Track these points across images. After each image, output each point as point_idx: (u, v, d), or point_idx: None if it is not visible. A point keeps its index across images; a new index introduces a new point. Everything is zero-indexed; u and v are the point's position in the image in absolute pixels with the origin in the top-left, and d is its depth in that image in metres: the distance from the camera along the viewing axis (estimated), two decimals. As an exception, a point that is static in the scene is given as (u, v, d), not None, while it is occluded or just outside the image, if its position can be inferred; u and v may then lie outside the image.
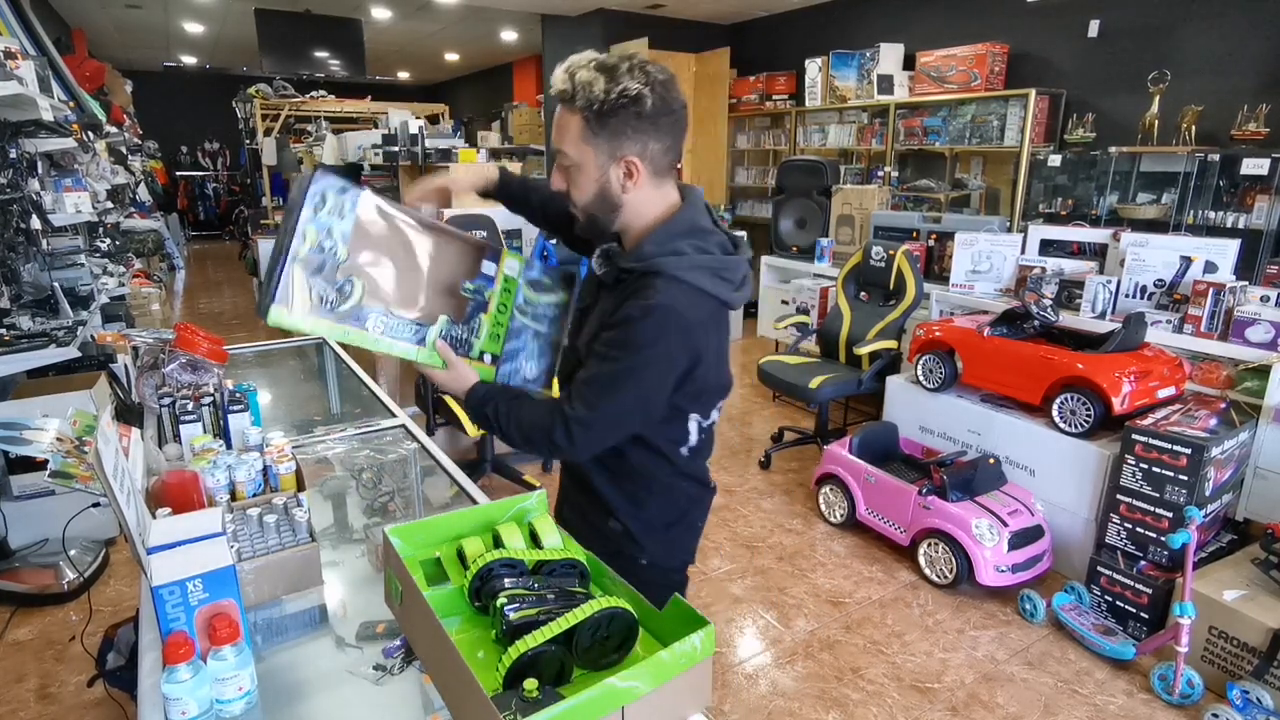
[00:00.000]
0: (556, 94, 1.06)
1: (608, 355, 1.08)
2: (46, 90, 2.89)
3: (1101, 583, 2.41)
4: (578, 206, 1.13)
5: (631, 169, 1.07)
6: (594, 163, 1.07)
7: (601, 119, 1.03)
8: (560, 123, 1.07)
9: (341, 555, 1.18)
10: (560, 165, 1.11)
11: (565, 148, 1.08)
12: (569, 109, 1.05)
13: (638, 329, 1.05)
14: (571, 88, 1.03)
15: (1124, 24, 4.35)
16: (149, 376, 1.53)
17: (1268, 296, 2.58)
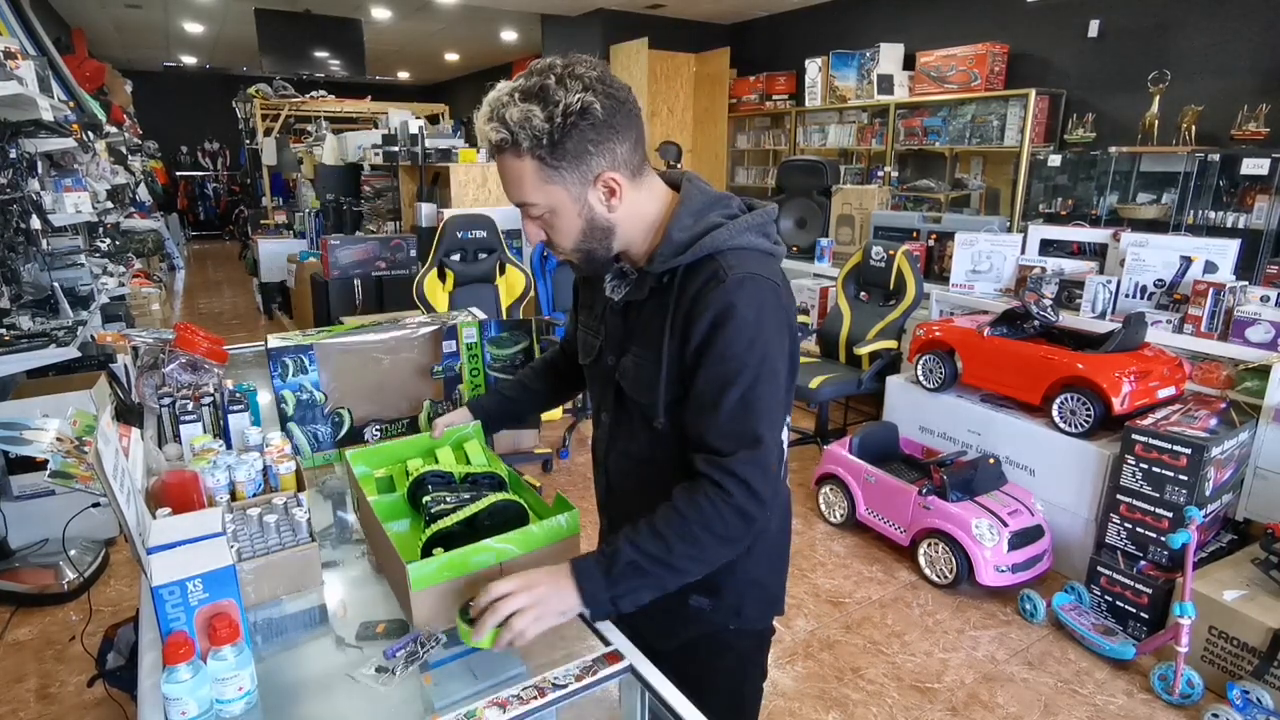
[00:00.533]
0: (493, 146, 0.90)
1: (724, 365, 0.92)
2: (46, 90, 2.89)
3: (1101, 583, 2.41)
4: (566, 251, 0.98)
5: (612, 185, 0.93)
6: (568, 199, 0.93)
7: (556, 150, 0.88)
8: (511, 174, 0.91)
9: (341, 555, 1.18)
10: (530, 217, 0.96)
11: (528, 197, 0.92)
12: (514, 156, 0.89)
13: (738, 315, 0.91)
14: (509, 133, 0.87)
15: (1124, 24, 4.35)
16: (149, 376, 1.53)
17: (1268, 296, 2.58)
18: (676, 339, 0.96)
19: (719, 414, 0.92)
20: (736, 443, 0.91)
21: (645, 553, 0.89)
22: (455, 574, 0.93)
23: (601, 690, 0.88)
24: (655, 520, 0.91)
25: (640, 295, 1.01)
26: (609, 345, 1.08)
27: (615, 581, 0.89)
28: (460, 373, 1.48)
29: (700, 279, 0.94)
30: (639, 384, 1.02)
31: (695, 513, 0.90)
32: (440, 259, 3.70)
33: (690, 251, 0.95)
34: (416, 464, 1.23)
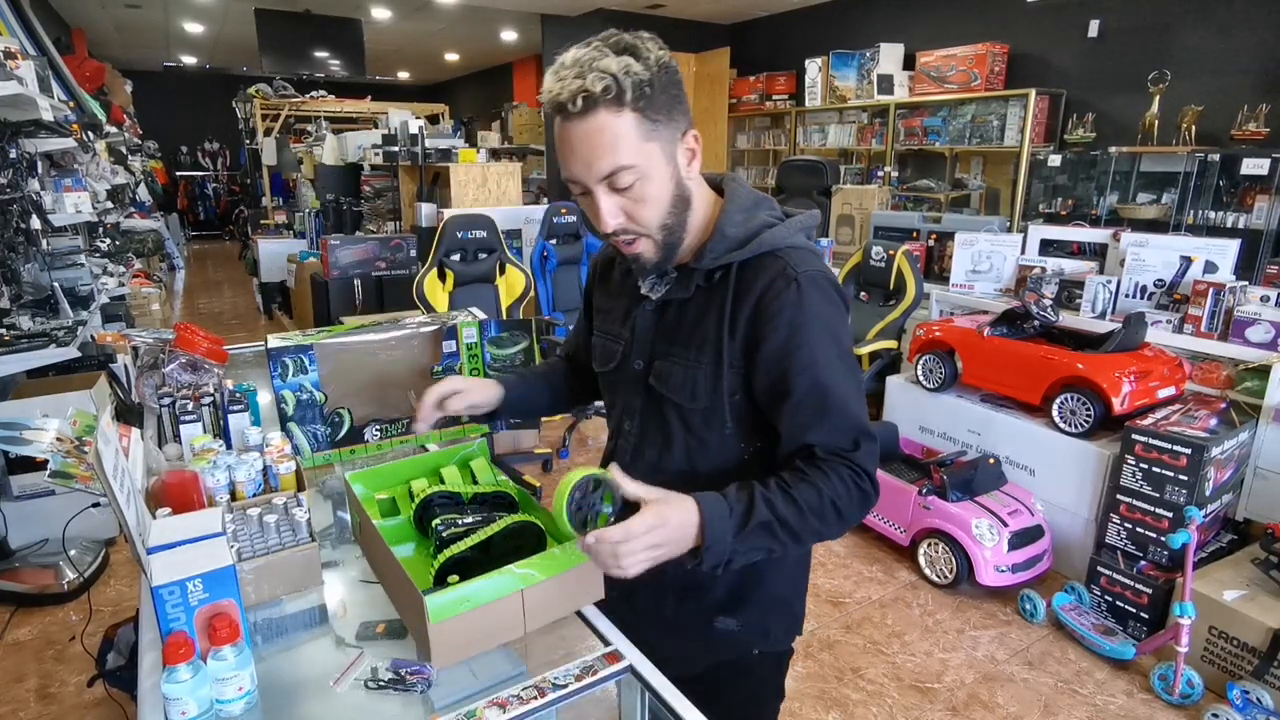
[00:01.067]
0: (592, 98, 0.80)
1: (817, 367, 0.89)
2: (46, 90, 2.89)
3: (1101, 583, 2.41)
4: (652, 228, 0.89)
5: (694, 145, 0.90)
6: (663, 159, 0.87)
7: (655, 101, 0.83)
8: (606, 134, 0.82)
9: (341, 555, 1.18)
10: (617, 189, 0.86)
11: (625, 159, 0.83)
12: (614, 110, 0.81)
13: (814, 313, 0.88)
14: (614, 80, 0.80)
15: (1124, 24, 4.35)
16: (149, 376, 1.53)
17: (1268, 296, 2.58)
18: (739, 338, 0.91)
19: (829, 415, 0.89)
20: (853, 436, 0.90)
21: (780, 517, 0.85)
22: (475, 604, 0.87)
23: (601, 690, 0.88)
24: (789, 485, 0.87)
25: (684, 293, 0.96)
26: (636, 349, 1.02)
27: (744, 538, 0.84)
28: (460, 373, 1.47)
29: (765, 276, 0.90)
30: (688, 388, 0.95)
31: (832, 489, 0.87)
32: (440, 259, 3.70)
33: (748, 247, 0.91)
34: (421, 485, 1.17)
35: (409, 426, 1.46)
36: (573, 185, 0.88)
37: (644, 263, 0.93)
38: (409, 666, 0.89)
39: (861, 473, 0.89)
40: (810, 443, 0.90)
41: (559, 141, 0.86)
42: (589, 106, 0.81)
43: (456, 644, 0.88)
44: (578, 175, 0.86)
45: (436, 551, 0.96)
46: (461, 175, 4.93)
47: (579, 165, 0.85)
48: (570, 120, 0.82)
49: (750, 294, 0.91)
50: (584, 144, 0.83)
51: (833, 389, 0.89)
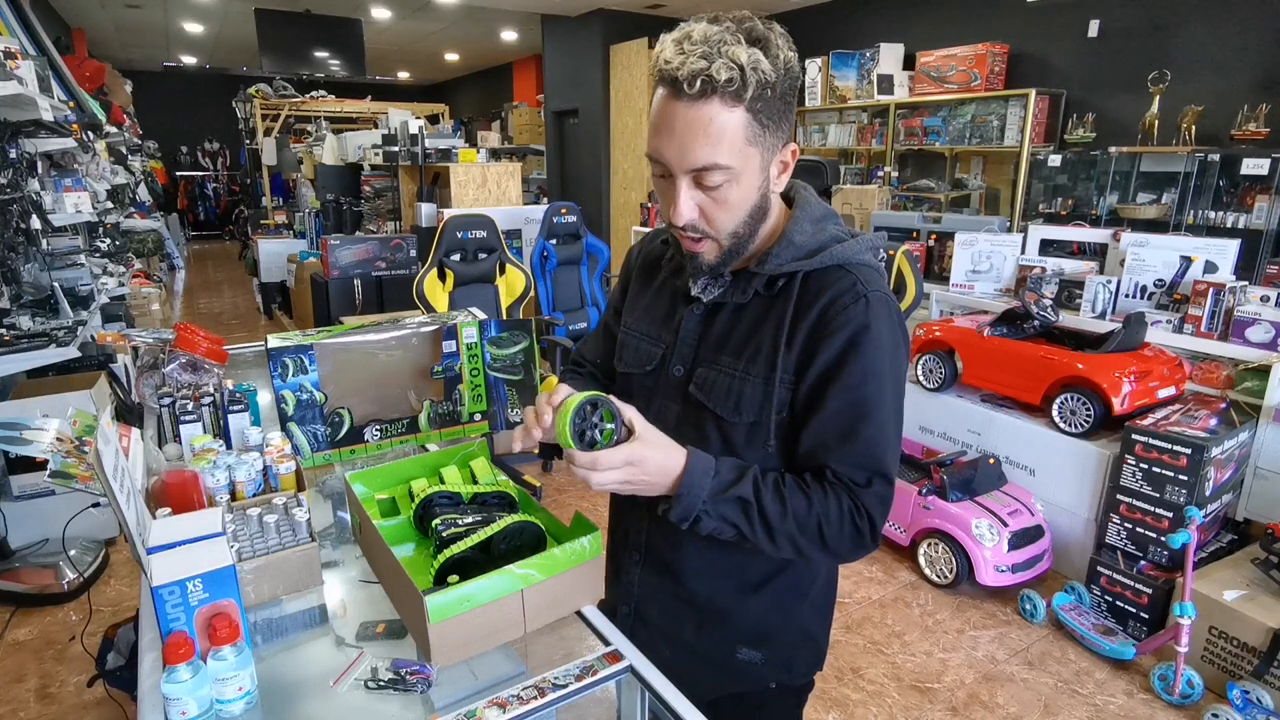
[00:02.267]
0: (713, 84, 0.74)
1: (860, 390, 0.83)
2: (46, 90, 2.89)
3: (1101, 583, 2.41)
4: (724, 233, 0.85)
5: (789, 159, 0.85)
6: (758, 167, 0.81)
7: (770, 107, 0.78)
8: (712, 127, 0.76)
9: (341, 555, 1.18)
10: (703, 185, 0.81)
11: (724, 158, 0.78)
12: (732, 104, 0.76)
13: (875, 336, 0.83)
14: (739, 73, 0.74)
15: (1124, 24, 4.35)
16: (149, 376, 1.52)
17: (1268, 296, 2.58)
18: (795, 351, 0.86)
19: (853, 442, 0.84)
20: (868, 474, 0.85)
21: (761, 503, 0.83)
22: (475, 604, 0.88)
23: (601, 690, 0.88)
24: (783, 484, 0.85)
25: (741, 298, 0.91)
26: (678, 353, 0.96)
27: (718, 502, 0.82)
28: (460, 373, 1.47)
29: (832, 289, 0.85)
30: (732, 400, 0.90)
31: (823, 507, 0.84)
32: (440, 259, 3.70)
33: (817, 258, 0.86)
34: (421, 485, 1.17)
35: (408, 427, 1.45)
36: (655, 164, 0.83)
37: (701, 264, 0.89)
38: (409, 666, 0.89)
39: (863, 511, 0.84)
40: (826, 465, 0.86)
41: (657, 115, 0.80)
42: (705, 93, 0.75)
43: (456, 644, 0.88)
44: (667, 158, 0.80)
45: (436, 551, 0.95)
46: (461, 175, 4.93)
47: (672, 149, 0.79)
48: (679, 99, 0.76)
49: (814, 306, 0.86)
50: (686, 129, 0.77)
51: (869, 415, 0.84)
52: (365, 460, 1.44)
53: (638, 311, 1.04)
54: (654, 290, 1.03)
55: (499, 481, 1.18)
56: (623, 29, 6.79)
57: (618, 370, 1.06)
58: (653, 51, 0.80)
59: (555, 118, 8.08)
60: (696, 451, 0.83)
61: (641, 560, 1.04)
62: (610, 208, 7.48)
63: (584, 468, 0.78)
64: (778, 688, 1.03)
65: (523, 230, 4.95)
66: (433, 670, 0.88)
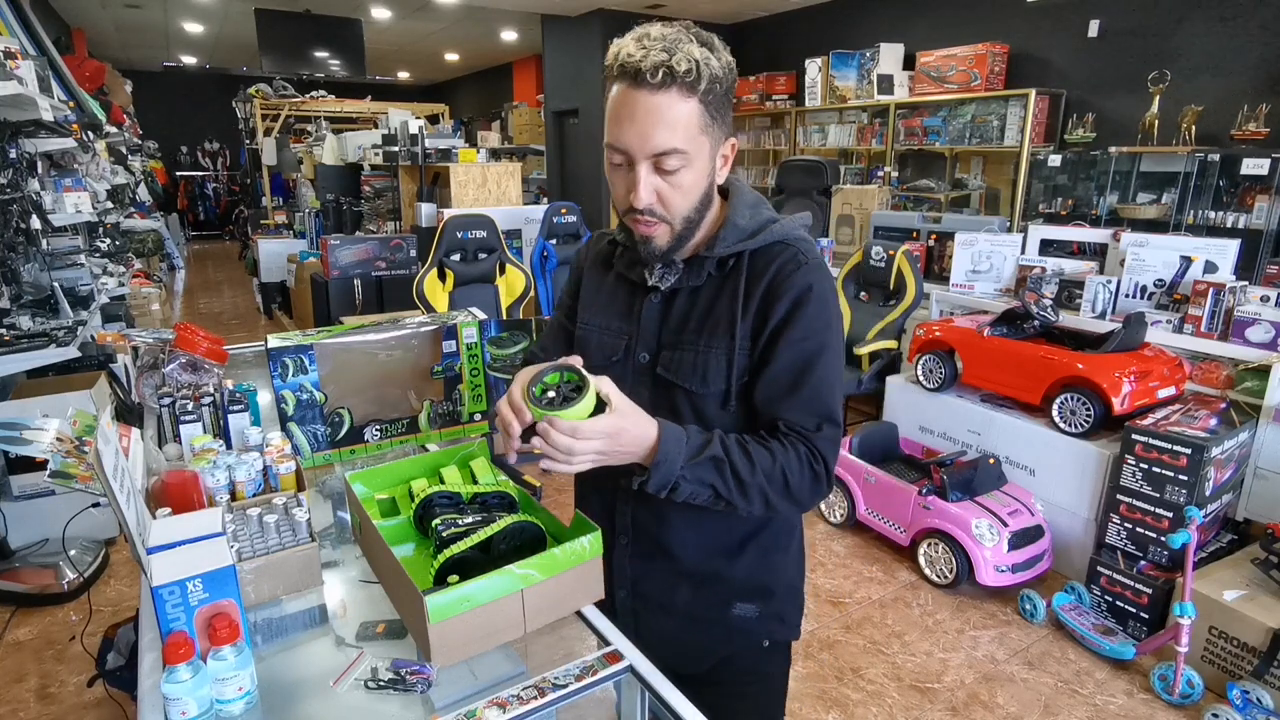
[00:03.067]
0: (673, 75, 0.83)
1: (806, 343, 0.93)
2: (46, 90, 2.89)
3: (1101, 583, 2.41)
4: (679, 216, 0.92)
5: (730, 152, 0.95)
6: (707, 155, 0.91)
7: (718, 101, 0.88)
8: (670, 115, 0.85)
9: (341, 555, 1.18)
10: (661, 170, 0.89)
11: (680, 143, 0.86)
12: (684, 95, 0.85)
13: (818, 296, 0.93)
14: (694, 67, 0.83)
15: (1124, 24, 4.35)
16: (149, 376, 1.52)
17: (1268, 296, 2.58)
18: (750, 317, 0.95)
19: (801, 390, 0.93)
20: (818, 419, 0.93)
21: (731, 460, 0.89)
22: (475, 604, 0.88)
23: (601, 690, 0.88)
24: (746, 442, 0.91)
25: (696, 281, 0.99)
26: (641, 341, 1.02)
27: (693, 466, 0.88)
28: (460, 373, 1.47)
29: (778, 260, 0.95)
30: (698, 373, 0.98)
31: (785, 458, 0.91)
32: (440, 259, 3.70)
33: (759, 237, 0.96)
34: (421, 485, 1.18)
35: (408, 427, 1.45)
36: (614, 153, 0.90)
37: (654, 248, 0.95)
38: (409, 666, 0.89)
39: (818, 454, 0.92)
40: (778, 416, 0.94)
41: (617, 106, 0.87)
42: (666, 82, 0.83)
43: (456, 644, 0.88)
44: (628, 144, 0.87)
45: (436, 551, 0.95)
46: (461, 175, 4.93)
47: (634, 135, 0.86)
48: (640, 89, 0.84)
49: (764, 276, 0.95)
50: (647, 116, 0.85)
51: (813, 368, 0.93)
52: (365, 460, 1.44)
53: (594, 308, 1.10)
54: (609, 286, 1.08)
55: (499, 481, 1.18)
56: (623, 29, 6.73)
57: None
58: (610, 52, 0.88)
59: (555, 118, 8.08)
60: (666, 422, 0.89)
61: (630, 542, 1.08)
62: (610, 208, 7.47)
63: (565, 435, 0.81)
64: (770, 646, 1.09)
65: (523, 230, 4.95)
66: (433, 670, 0.88)
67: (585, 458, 0.83)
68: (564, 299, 1.18)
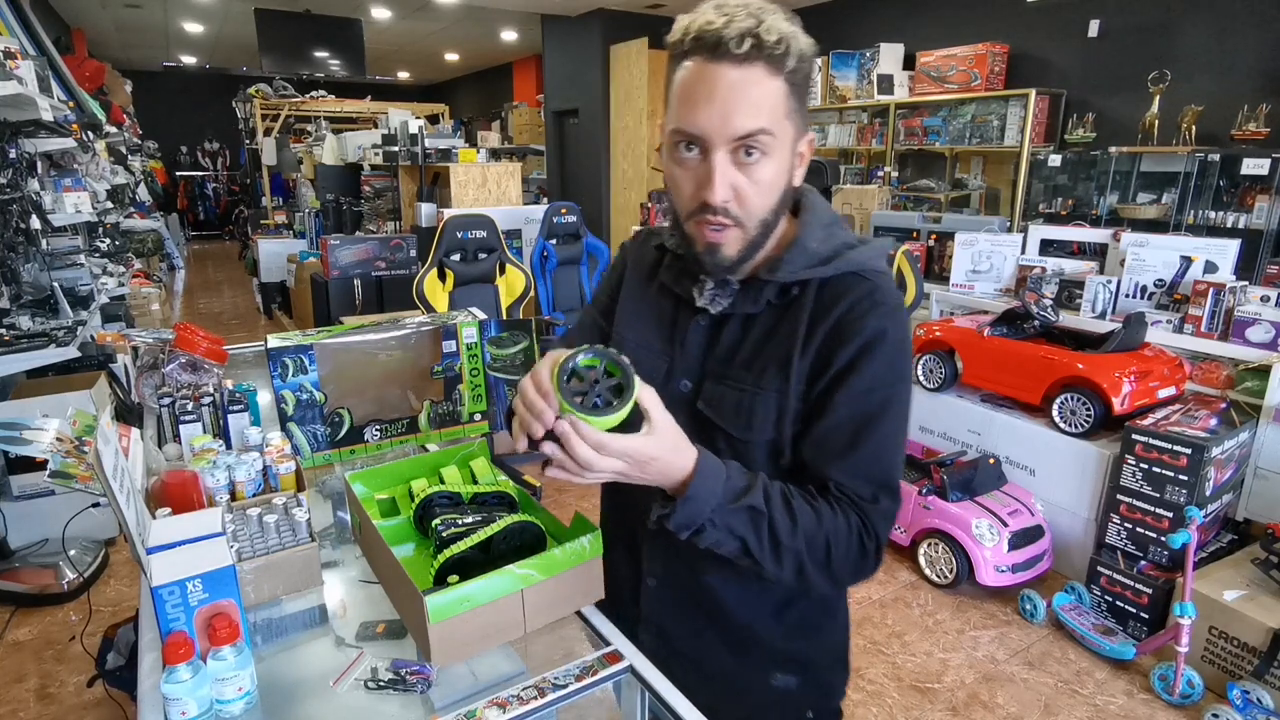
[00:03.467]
0: (761, 45, 0.71)
1: (869, 396, 0.80)
2: (46, 90, 2.89)
3: (1102, 583, 2.41)
4: (754, 218, 0.79)
5: (808, 149, 0.82)
6: (789, 145, 0.78)
7: (800, 85, 0.76)
8: (754, 92, 0.72)
9: (341, 555, 1.18)
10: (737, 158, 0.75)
11: (767, 123, 0.73)
12: (771, 69, 0.72)
13: (891, 344, 0.80)
14: (783, 40, 0.71)
15: (1124, 24, 4.35)
16: (149, 376, 1.52)
17: (1268, 296, 2.58)
18: (809, 359, 0.82)
19: (859, 451, 0.80)
20: (874, 487, 0.80)
21: (772, 515, 0.76)
22: (475, 604, 0.88)
23: (601, 690, 0.88)
24: (791, 495, 0.78)
25: (752, 308, 0.85)
26: (682, 367, 0.90)
27: (729, 512, 0.75)
28: (460, 373, 1.47)
29: (850, 296, 0.81)
30: (742, 416, 0.84)
31: (832, 525, 0.78)
32: (440, 259, 3.70)
33: (832, 264, 0.82)
34: (421, 485, 1.17)
35: (408, 427, 1.45)
36: (683, 141, 0.77)
37: (721, 258, 0.81)
38: (409, 666, 0.89)
39: (870, 528, 0.79)
40: (830, 477, 0.81)
41: (691, 83, 0.74)
42: (752, 54, 0.71)
43: (456, 644, 0.88)
44: (704, 127, 0.74)
45: (436, 551, 0.95)
46: (461, 175, 4.93)
47: (713, 115, 0.73)
48: (721, 62, 0.72)
49: (831, 312, 0.81)
50: (731, 92, 0.72)
51: (875, 426, 0.80)
52: (365, 460, 1.44)
53: (633, 320, 0.97)
54: (651, 298, 0.96)
55: (499, 481, 1.18)
56: (623, 29, 6.78)
57: None
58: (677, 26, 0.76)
59: (555, 118, 8.08)
60: (706, 452, 0.76)
61: (660, 586, 0.96)
62: (610, 208, 7.48)
63: (589, 447, 0.68)
64: (815, 717, 0.97)
65: (523, 230, 4.95)
66: (433, 670, 0.88)
67: (600, 475, 0.71)
68: (600, 295, 1.06)
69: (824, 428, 0.81)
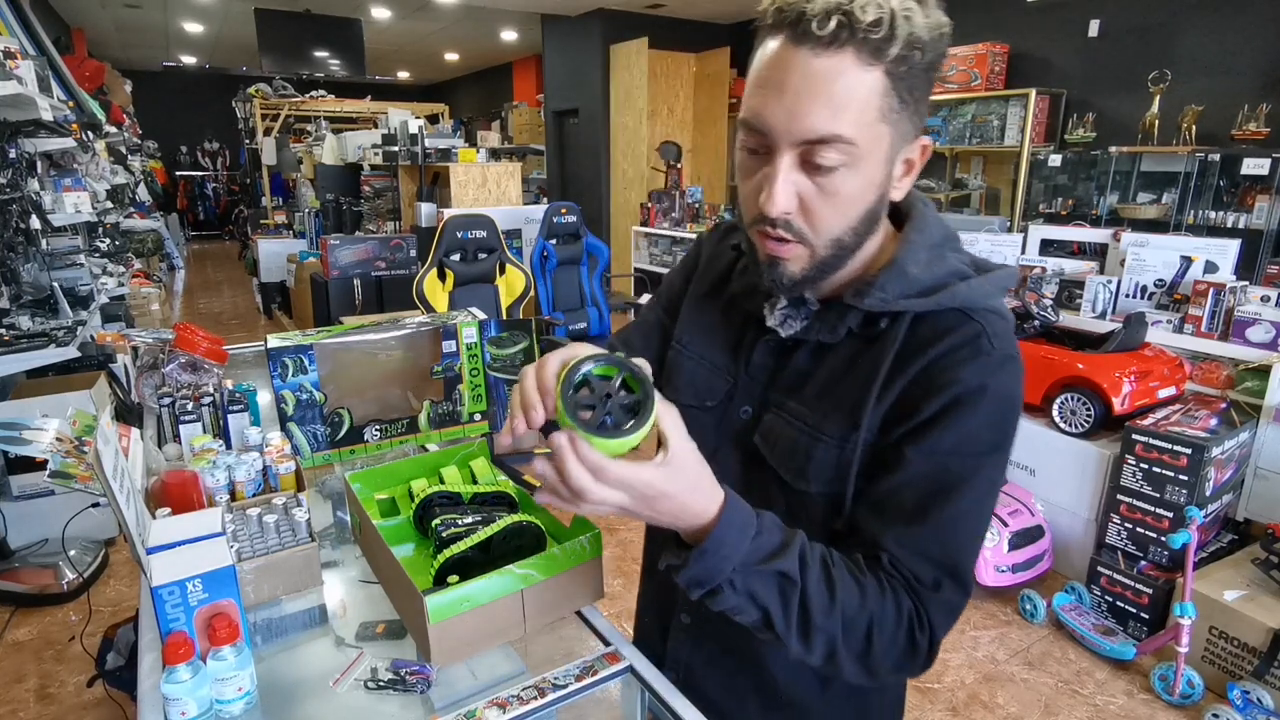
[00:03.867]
0: (851, 27, 0.56)
1: (953, 459, 0.65)
2: (46, 90, 2.89)
3: (1102, 583, 2.41)
4: (824, 238, 0.65)
5: (915, 158, 0.67)
6: (884, 155, 0.63)
7: (912, 76, 0.60)
8: (839, 85, 0.58)
9: (341, 555, 1.18)
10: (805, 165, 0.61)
11: (849, 129, 0.59)
12: (870, 60, 0.58)
13: (993, 402, 0.65)
14: (886, 21, 0.56)
15: (1124, 24, 4.35)
16: (149, 376, 1.52)
17: (1268, 296, 2.58)
18: (885, 407, 0.68)
19: (926, 522, 0.65)
20: (939, 571, 0.66)
21: (805, 586, 0.62)
22: (475, 604, 0.87)
23: (601, 690, 0.88)
24: (833, 563, 0.65)
25: (828, 336, 0.72)
26: (744, 390, 0.78)
27: (749, 572, 0.61)
28: (460, 373, 1.47)
29: (950, 339, 0.67)
30: (798, 460, 0.72)
31: (878, 608, 0.64)
32: (440, 259, 3.70)
33: (935, 298, 0.67)
34: (421, 484, 1.17)
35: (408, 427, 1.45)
36: (749, 136, 0.64)
37: (782, 275, 0.68)
38: (409, 666, 0.89)
39: (923, 620, 0.65)
40: (885, 546, 0.66)
41: (765, 68, 0.61)
42: (839, 37, 0.57)
43: (456, 644, 0.88)
44: (769, 122, 0.61)
45: (436, 551, 0.95)
46: (461, 175, 4.93)
47: (780, 110, 0.60)
48: (801, 45, 0.58)
49: (922, 354, 0.67)
50: (805, 84, 0.58)
51: (953, 497, 0.65)
52: (365, 460, 1.44)
53: (696, 329, 0.85)
54: (720, 307, 0.83)
55: (499, 481, 1.18)
56: (623, 29, 6.79)
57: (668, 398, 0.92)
58: None
59: (555, 118, 8.08)
60: (735, 496, 0.62)
61: (693, 625, 0.85)
62: (610, 208, 7.48)
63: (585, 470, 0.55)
64: None
65: (523, 230, 4.95)
66: (433, 670, 0.88)
67: (597, 508, 0.58)
68: (667, 289, 0.92)
69: (888, 486, 0.67)
